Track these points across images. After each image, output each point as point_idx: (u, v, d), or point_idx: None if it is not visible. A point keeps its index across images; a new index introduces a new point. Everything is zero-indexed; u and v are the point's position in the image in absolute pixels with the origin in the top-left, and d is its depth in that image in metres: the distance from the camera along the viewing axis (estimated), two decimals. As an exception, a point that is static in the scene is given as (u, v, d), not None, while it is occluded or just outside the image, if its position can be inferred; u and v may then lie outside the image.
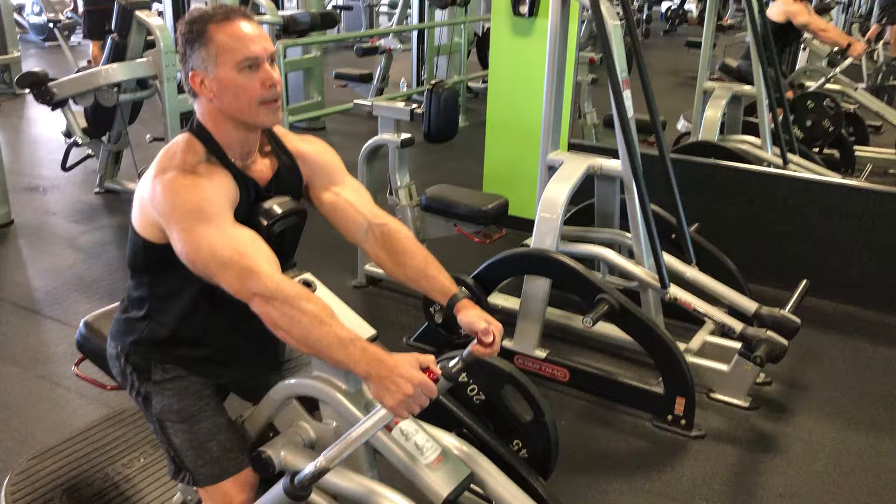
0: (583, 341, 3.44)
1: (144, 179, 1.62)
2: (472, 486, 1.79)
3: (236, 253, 1.51)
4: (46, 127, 6.91)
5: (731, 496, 2.61)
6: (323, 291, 1.76)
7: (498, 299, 3.59)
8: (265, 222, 1.68)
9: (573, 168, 3.26)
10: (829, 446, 2.88)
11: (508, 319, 3.45)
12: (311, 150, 1.82)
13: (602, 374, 3.11)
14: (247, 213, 1.67)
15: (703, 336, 3.35)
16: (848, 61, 5.72)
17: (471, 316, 1.71)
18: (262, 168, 1.73)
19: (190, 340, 1.78)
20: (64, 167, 5.14)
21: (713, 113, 4.95)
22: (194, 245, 1.52)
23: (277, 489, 1.56)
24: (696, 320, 3.45)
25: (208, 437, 1.77)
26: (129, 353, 1.81)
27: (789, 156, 4.63)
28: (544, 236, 3.18)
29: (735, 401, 3.09)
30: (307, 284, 1.75)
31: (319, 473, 1.49)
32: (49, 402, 3.00)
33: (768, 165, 4.60)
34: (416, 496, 1.66)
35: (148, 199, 1.59)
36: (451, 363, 1.68)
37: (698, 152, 4.53)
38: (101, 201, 5.20)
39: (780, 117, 4.68)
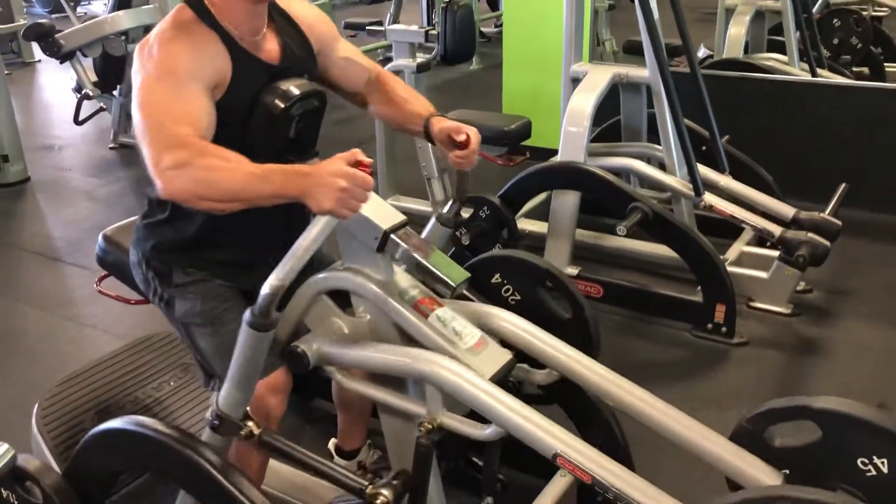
0: (614, 260, 3.35)
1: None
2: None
3: (167, 116, 1.41)
4: (57, 92, 6.84)
5: (778, 399, 2.52)
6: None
7: (525, 224, 3.50)
8: (282, 105, 1.58)
9: (598, 78, 3.14)
10: (878, 348, 2.78)
11: (537, 244, 3.37)
12: (314, 16, 1.76)
13: (637, 287, 3.03)
14: (255, 94, 1.58)
15: (739, 247, 3.25)
16: None
17: (442, 125, 1.72)
18: (273, 46, 1.63)
19: (212, 242, 1.71)
20: (77, 121, 5.08)
21: (737, 30, 4.78)
22: (141, 101, 1.44)
23: (243, 327, 1.48)
24: (731, 235, 3.35)
25: (234, 338, 1.69)
26: (149, 259, 1.74)
27: (819, 70, 4.47)
28: (571, 150, 3.08)
29: (776, 308, 2.99)
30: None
31: (274, 294, 1.42)
32: (76, 340, 2.97)
33: (797, 80, 4.44)
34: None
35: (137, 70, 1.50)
36: (445, 208, 1.62)
37: (723, 70, 4.37)
38: (116, 156, 5.14)
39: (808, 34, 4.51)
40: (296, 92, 1.60)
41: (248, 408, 1.63)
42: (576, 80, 3.20)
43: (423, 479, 1.61)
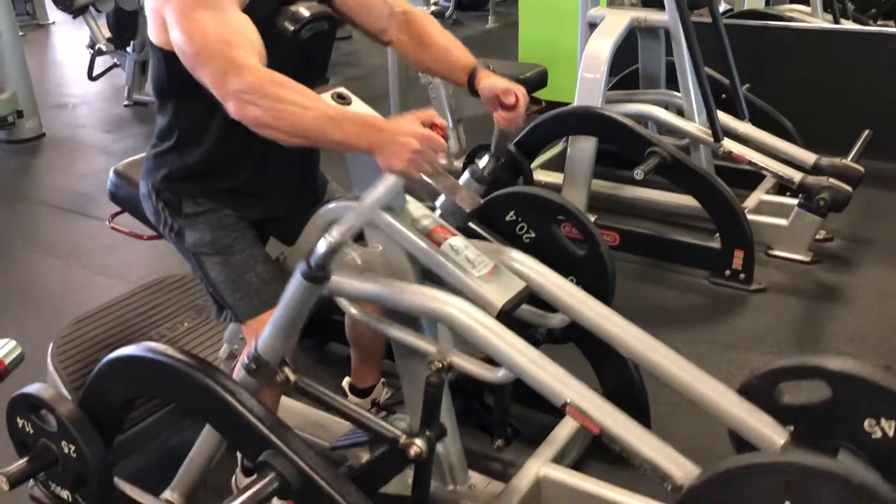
0: (631, 209, 3.31)
1: None
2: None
3: (224, 43, 1.38)
4: (71, 52, 6.85)
5: (797, 342, 2.50)
6: (359, 105, 1.65)
7: (541, 175, 3.47)
8: (292, 27, 1.55)
9: (615, 22, 3.08)
10: (900, 293, 2.74)
11: (553, 195, 3.33)
12: None
13: (654, 234, 2.99)
14: (267, 17, 1.54)
15: (758, 195, 3.20)
16: None
17: (490, 81, 1.64)
18: None
19: (222, 171, 1.68)
20: (90, 77, 5.07)
21: (759, -19, 4.68)
22: (188, 31, 1.40)
23: (296, 277, 1.47)
24: (750, 185, 3.30)
25: (245, 268, 1.68)
26: (159, 190, 1.72)
27: (842, 21, 4.36)
28: (588, 96, 3.03)
29: (796, 256, 2.95)
30: (341, 98, 1.64)
31: (334, 249, 1.41)
32: (91, 287, 2.98)
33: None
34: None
35: None
36: (481, 163, 1.58)
37: (745, 20, 4.27)
38: (131, 113, 5.13)
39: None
40: (305, 14, 1.56)
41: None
42: (593, 25, 3.14)
43: (434, 417, 1.60)
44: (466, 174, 1.84)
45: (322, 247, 1.43)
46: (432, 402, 1.57)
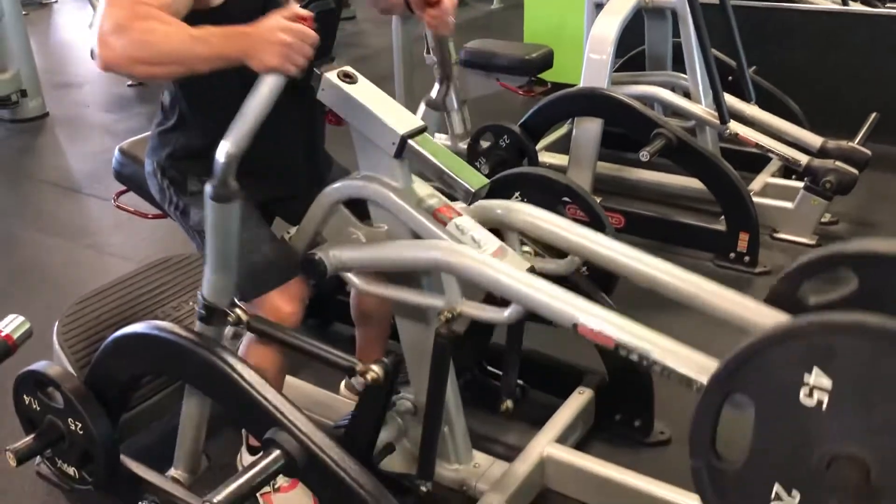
0: (636, 192, 3.30)
1: None
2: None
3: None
4: (74, 32, 6.82)
5: (801, 325, 2.49)
6: (365, 84, 1.64)
7: (546, 157, 3.46)
8: (296, 4, 1.54)
9: (622, 2, 3.06)
10: (904, 278, 2.72)
11: (557, 176, 3.32)
12: None
13: (659, 217, 2.98)
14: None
15: (764, 178, 3.19)
16: None
17: None
18: None
19: (226, 149, 1.68)
20: (93, 56, 5.04)
21: (764, -38, 4.62)
22: None
23: (208, 203, 1.47)
24: (756, 167, 3.29)
25: (250, 247, 1.67)
26: (165, 167, 1.72)
27: (851, 2, 4.32)
28: (594, 77, 3.01)
29: (801, 239, 2.95)
30: (347, 76, 1.63)
31: (230, 161, 1.40)
32: (96, 267, 2.99)
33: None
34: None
35: None
36: (433, 92, 1.59)
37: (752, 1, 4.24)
38: (134, 93, 5.11)
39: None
40: (311, -10, 1.55)
41: (235, 297, 1.62)
42: (599, 6, 3.12)
43: (443, 375, 1.60)
44: (422, 104, 1.84)
45: (220, 158, 1.41)
46: (441, 353, 1.57)
